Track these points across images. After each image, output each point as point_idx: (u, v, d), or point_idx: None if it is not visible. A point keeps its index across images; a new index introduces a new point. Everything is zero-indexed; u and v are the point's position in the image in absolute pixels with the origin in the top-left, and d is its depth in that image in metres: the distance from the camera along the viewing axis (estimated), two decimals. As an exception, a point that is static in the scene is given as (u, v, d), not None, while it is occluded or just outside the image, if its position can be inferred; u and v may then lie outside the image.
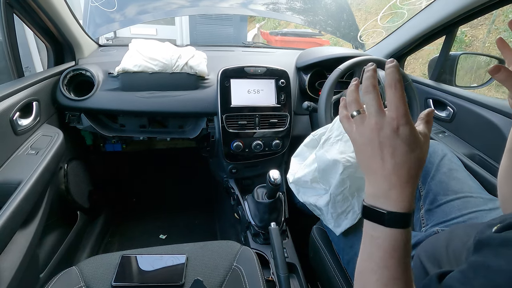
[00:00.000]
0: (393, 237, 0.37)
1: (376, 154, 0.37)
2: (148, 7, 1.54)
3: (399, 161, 0.36)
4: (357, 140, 0.40)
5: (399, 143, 0.35)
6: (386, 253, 0.37)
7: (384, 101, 0.37)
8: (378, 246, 0.38)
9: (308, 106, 1.03)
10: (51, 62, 1.10)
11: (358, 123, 0.39)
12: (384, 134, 0.36)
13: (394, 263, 0.37)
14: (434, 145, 0.91)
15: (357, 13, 5.75)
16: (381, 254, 0.37)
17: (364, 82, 0.39)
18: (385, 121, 0.36)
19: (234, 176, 1.22)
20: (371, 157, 0.38)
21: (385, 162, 0.37)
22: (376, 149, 0.37)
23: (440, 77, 1.19)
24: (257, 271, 0.70)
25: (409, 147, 0.35)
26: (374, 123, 0.37)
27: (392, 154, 0.36)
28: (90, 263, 0.71)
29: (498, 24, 3.97)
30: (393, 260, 0.37)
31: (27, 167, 0.74)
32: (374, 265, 0.38)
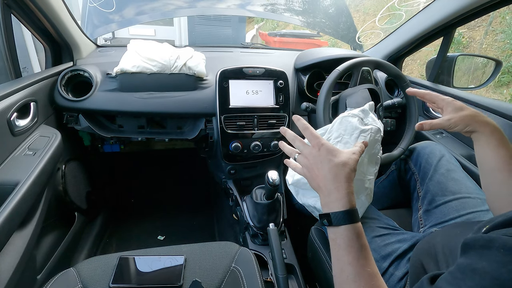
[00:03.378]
0: (344, 233, 0.45)
1: (313, 173, 0.51)
2: (146, 8, 1.54)
3: (327, 171, 0.49)
4: (304, 171, 0.54)
5: (322, 158, 0.50)
6: (345, 250, 0.44)
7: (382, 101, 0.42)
8: (338, 246, 0.46)
9: (306, 107, 1.03)
10: (49, 62, 1.09)
11: (302, 160, 0.54)
12: (311, 158, 0.51)
13: (353, 258, 0.43)
14: (432, 146, 0.92)
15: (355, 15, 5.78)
16: (342, 252, 0.45)
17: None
18: (310, 150, 0.52)
19: (232, 177, 1.22)
20: (312, 178, 0.51)
21: (319, 176, 0.50)
22: (312, 171, 0.51)
23: (437, 78, 1.20)
24: (255, 272, 0.70)
25: (331, 157, 0.49)
26: (305, 154, 0.53)
27: (321, 168, 0.50)
28: (88, 264, 0.70)
29: (495, 25, 3.99)
30: (351, 256, 0.44)
31: (24, 168, 0.74)
32: (341, 264, 0.45)
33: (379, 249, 0.70)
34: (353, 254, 0.44)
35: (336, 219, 0.46)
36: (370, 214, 0.83)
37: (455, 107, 0.63)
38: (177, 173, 1.93)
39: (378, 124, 0.81)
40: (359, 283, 0.42)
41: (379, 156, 0.83)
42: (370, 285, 0.41)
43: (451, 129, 0.62)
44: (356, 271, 0.43)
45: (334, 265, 0.46)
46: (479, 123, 0.60)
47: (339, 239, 0.45)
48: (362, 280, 0.42)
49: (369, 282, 0.42)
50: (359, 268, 0.43)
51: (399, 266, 0.65)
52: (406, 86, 1.00)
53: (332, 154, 0.50)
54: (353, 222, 0.45)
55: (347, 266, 0.44)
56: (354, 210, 0.46)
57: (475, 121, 0.60)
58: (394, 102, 1.10)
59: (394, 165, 1.02)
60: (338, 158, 0.49)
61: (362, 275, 0.42)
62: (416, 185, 0.89)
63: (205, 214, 1.63)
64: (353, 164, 0.50)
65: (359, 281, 0.42)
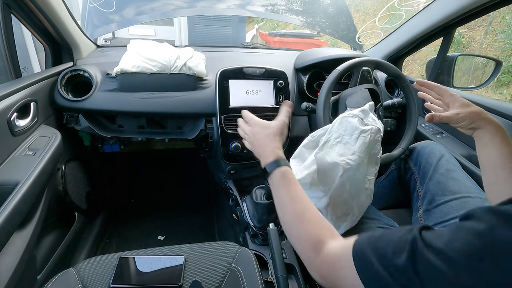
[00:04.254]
0: (276, 176, 0.59)
1: (254, 145, 0.69)
2: (146, 8, 1.54)
3: (261, 140, 0.67)
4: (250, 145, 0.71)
5: (256, 132, 0.69)
6: (280, 186, 0.58)
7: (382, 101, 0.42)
8: (274, 187, 0.59)
9: (306, 107, 1.03)
10: (49, 62, 1.09)
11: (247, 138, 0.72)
12: (251, 134, 0.70)
13: (285, 191, 0.57)
14: (432, 146, 0.92)
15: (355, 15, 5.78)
16: (279, 191, 0.58)
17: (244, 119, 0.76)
18: (249, 128, 0.71)
19: (232, 177, 1.22)
20: (254, 148, 0.69)
21: (257, 145, 0.68)
22: (253, 143, 0.69)
23: (437, 78, 1.20)
24: (255, 272, 0.70)
25: (260, 129, 0.68)
26: (247, 132, 0.71)
27: (258, 139, 0.68)
28: (88, 264, 0.70)
29: (495, 25, 3.99)
30: (283, 189, 0.57)
31: (24, 168, 0.74)
32: (279, 199, 0.57)
33: None
34: (285, 188, 0.57)
35: (268, 167, 0.61)
36: (370, 214, 0.83)
37: (463, 103, 0.65)
38: (177, 173, 1.93)
39: (378, 124, 0.81)
40: (292, 206, 0.54)
41: (379, 156, 0.83)
42: (301, 205, 0.54)
43: (457, 124, 0.65)
44: (289, 197, 0.56)
45: (275, 202, 0.58)
46: (484, 120, 0.62)
47: (274, 181, 0.59)
48: (293, 203, 0.54)
49: (299, 204, 0.54)
50: (290, 196, 0.56)
51: None
52: (406, 86, 1.00)
53: (262, 127, 0.68)
54: (280, 166, 0.60)
55: (282, 197, 0.57)
56: (280, 159, 0.61)
57: (480, 118, 0.62)
58: (394, 102, 1.10)
59: (394, 165, 1.02)
60: (266, 129, 0.68)
61: (293, 200, 0.55)
62: (416, 185, 0.89)
63: (205, 214, 1.63)
64: (275, 130, 0.67)
65: (291, 204, 0.54)
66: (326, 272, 0.45)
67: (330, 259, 0.44)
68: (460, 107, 0.65)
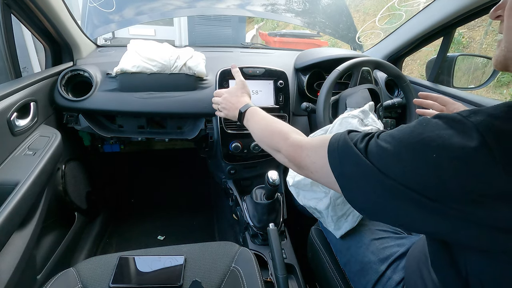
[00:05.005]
0: (248, 114, 0.76)
1: (226, 109, 0.84)
2: (146, 8, 1.54)
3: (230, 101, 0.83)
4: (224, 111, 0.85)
5: (225, 98, 0.85)
6: (251, 120, 0.74)
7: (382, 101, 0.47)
8: (249, 123, 0.75)
9: (306, 107, 1.03)
10: (49, 62, 1.09)
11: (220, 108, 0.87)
12: (223, 101, 0.85)
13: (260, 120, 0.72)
14: None
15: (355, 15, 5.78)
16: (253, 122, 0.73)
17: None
18: (222, 98, 0.86)
19: (232, 177, 1.22)
20: (228, 111, 0.83)
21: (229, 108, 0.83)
22: (225, 109, 0.84)
23: (437, 78, 1.20)
24: (255, 272, 0.70)
25: (228, 95, 0.85)
26: (219, 101, 0.87)
27: (228, 103, 0.83)
28: (88, 264, 0.70)
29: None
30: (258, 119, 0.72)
31: (24, 168, 0.74)
32: (254, 128, 0.72)
33: (377, 251, 0.70)
34: (256, 117, 0.73)
35: (242, 109, 0.77)
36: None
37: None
38: (177, 173, 1.93)
39: (378, 124, 0.81)
40: (263, 122, 0.69)
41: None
42: (271, 121, 0.68)
43: None
44: (260, 118, 0.72)
45: (251, 132, 0.74)
46: None
47: (248, 118, 0.75)
48: (264, 121, 0.70)
49: (269, 122, 0.68)
50: (261, 117, 0.72)
51: (397, 269, 0.65)
52: (406, 86, 1.00)
53: (228, 92, 0.85)
54: (249, 107, 0.76)
55: (255, 123, 0.72)
56: (248, 103, 0.78)
57: None
58: (394, 102, 1.10)
59: None
60: (232, 92, 0.85)
61: (264, 119, 0.71)
62: None
63: (205, 214, 1.63)
64: (237, 88, 0.84)
65: (262, 122, 0.70)
66: (293, 152, 0.57)
67: (298, 141, 0.57)
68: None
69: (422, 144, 0.36)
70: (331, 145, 0.48)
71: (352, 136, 0.47)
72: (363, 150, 0.42)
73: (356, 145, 0.44)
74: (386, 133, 0.42)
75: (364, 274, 0.69)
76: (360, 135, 0.45)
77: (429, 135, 0.36)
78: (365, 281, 0.69)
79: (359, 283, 0.70)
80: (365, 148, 0.42)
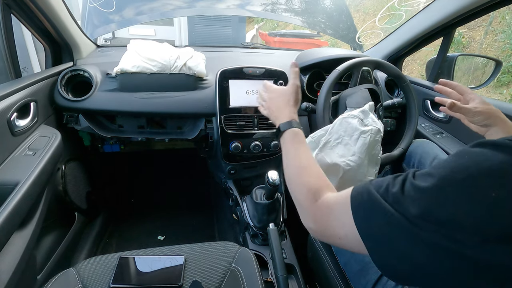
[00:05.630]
0: (288, 135, 0.64)
1: (270, 110, 0.73)
2: (146, 8, 1.54)
3: (277, 104, 0.72)
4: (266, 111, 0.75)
5: (272, 97, 0.74)
6: (290, 144, 0.62)
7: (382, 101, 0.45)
8: (285, 144, 0.64)
9: (306, 107, 1.03)
10: (49, 62, 1.09)
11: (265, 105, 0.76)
12: (268, 100, 0.75)
13: (297, 149, 0.61)
14: (424, 145, 0.91)
15: (355, 15, 5.78)
16: (288, 148, 0.62)
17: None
18: (267, 95, 0.76)
19: (232, 177, 1.22)
20: (270, 112, 0.73)
21: (274, 109, 0.72)
22: (269, 108, 0.74)
23: (437, 78, 1.20)
24: (255, 272, 0.70)
25: (276, 96, 0.73)
26: (265, 99, 0.76)
27: (274, 104, 0.72)
28: (88, 264, 0.70)
29: (495, 25, 3.99)
30: (295, 146, 0.62)
31: (24, 168, 0.74)
32: (287, 159, 0.61)
33: None
34: (294, 145, 0.62)
35: (282, 126, 0.66)
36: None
37: (482, 101, 0.70)
38: (177, 173, 1.93)
39: (378, 124, 0.81)
40: (297, 160, 0.59)
41: (379, 157, 0.84)
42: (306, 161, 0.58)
43: (473, 117, 0.69)
44: (296, 153, 0.61)
45: (283, 158, 0.63)
46: (498, 120, 0.67)
47: (286, 139, 0.64)
48: (298, 158, 0.59)
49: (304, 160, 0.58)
50: (297, 152, 0.61)
51: None
52: (406, 86, 1.00)
53: (279, 94, 0.73)
54: (292, 127, 0.64)
55: (289, 153, 0.62)
56: (293, 121, 0.66)
57: (496, 116, 0.67)
58: (394, 102, 1.10)
59: (389, 165, 1.02)
60: (282, 95, 0.72)
61: (299, 156, 0.60)
62: None
63: (205, 214, 1.63)
64: (290, 96, 0.71)
65: (297, 159, 0.59)
66: (321, 216, 0.48)
67: (327, 203, 0.48)
68: (479, 104, 0.69)
69: (472, 179, 0.32)
70: (354, 200, 0.42)
71: (377, 184, 0.40)
72: (399, 194, 0.36)
73: (386, 194, 0.38)
74: (422, 172, 0.37)
75: (364, 274, 0.69)
76: (389, 180, 0.39)
77: (478, 168, 0.32)
78: (365, 281, 0.69)
79: (359, 283, 0.71)
80: (401, 192, 0.36)
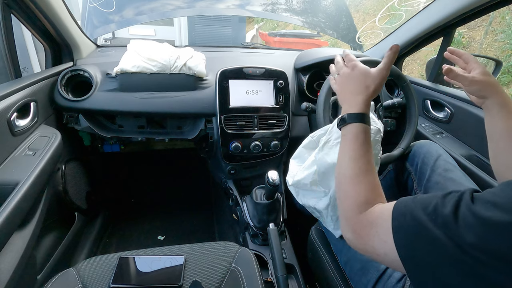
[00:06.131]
0: (353, 129, 0.56)
1: (343, 88, 0.64)
2: (146, 8, 1.54)
3: (355, 87, 0.60)
4: (337, 87, 0.66)
5: (353, 77, 0.62)
6: (351, 141, 0.55)
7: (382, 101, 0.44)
8: (345, 140, 0.56)
9: (306, 107, 1.03)
10: (49, 62, 1.09)
11: (338, 78, 0.66)
12: (345, 76, 0.64)
13: (357, 151, 0.54)
14: (428, 145, 0.91)
15: (355, 15, 5.77)
16: (347, 145, 0.55)
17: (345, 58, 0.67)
18: (345, 70, 0.64)
19: (232, 177, 1.22)
20: (342, 91, 0.64)
21: (347, 91, 0.62)
22: (343, 85, 0.64)
23: (437, 78, 1.20)
24: (255, 272, 0.70)
25: (362, 77, 0.61)
26: (341, 73, 0.65)
27: (350, 85, 0.62)
28: (88, 264, 0.70)
29: (495, 25, 3.99)
30: (356, 146, 0.54)
31: (24, 168, 0.74)
32: (344, 158, 0.55)
33: None
34: (357, 145, 0.54)
35: (350, 118, 0.57)
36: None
37: (483, 71, 0.66)
38: (177, 173, 1.93)
39: (378, 124, 0.81)
40: (355, 164, 0.52)
41: (379, 157, 0.84)
42: (364, 167, 0.52)
43: (469, 87, 0.66)
44: (356, 155, 0.53)
45: (339, 153, 0.57)
46: (494, 91, 0.63)
47: (349, 134, 0.56)
48: (357, 162, 0.52)
49: (363, 165, 0.52)
50: (358, 154, 0.53)
51: None
52: (406, 86, 1.00)
53: (362, 74, 0.61)
54: (362, 122, 0.56)
55: (348, 152, 0.54)
56: (365, 114, 0.57)
57: (492, 87, 0.64)
58: (394, 102, 1.10)
59: (391, 165, 1.02)
60: (364, 78, 0.60)
61: (359, 159, 0.52)
62: (414, 186, 0.89)
63: (205, 214, 1.63)
64: (376, 85, 0.59)
65: (355, 162, 0.52)
66: (361, 229, 0.45)
67: (370, 217, 0.45)
68: (478, 74, 0.66)
69: None
70: (395, 221, 0.39)
71: (423, 202, 0.37)
72: (451, 217, 0.33)
73: (434, 215, 0.34)
74: (483, 197, 0.33)
75: (365, 273, 0.69)
76: (437, 199, 0.35)
77: None
78: (366, 280, 0.69)
79: (360, 282, 0.71)
80: (454, 216, 0.33)
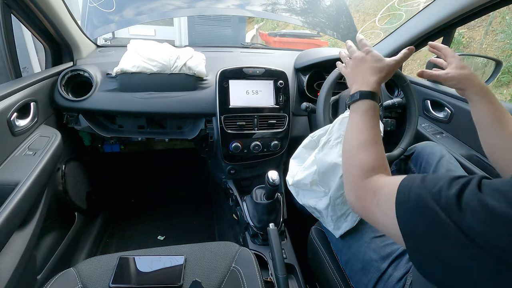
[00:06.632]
0: (364, 105, 0.57)
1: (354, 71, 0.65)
2: (146, 8, 1.54)
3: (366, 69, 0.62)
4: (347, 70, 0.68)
5: (365, 60, 0.63)
6: (361, 116, 0.56)
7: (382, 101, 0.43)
8: (355, 115, 0.57)
9: (306, 107, 1.03)
10: (49, 62, 1.09)
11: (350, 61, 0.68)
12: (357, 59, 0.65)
13: (366, 124, 0.55)
14: (432, 146, 0.92)
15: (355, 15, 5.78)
16: (357, 118, 0.57)
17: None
18: (358, 53, 0.66)
19: (232, 177, 1.22)
20: (351, 74, 0.66)
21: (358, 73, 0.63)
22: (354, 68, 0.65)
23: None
24: (255, 272, 0.70)
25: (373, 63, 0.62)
26: (353, 56, 0.67)
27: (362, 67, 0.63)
28: (88, 264, 0.70)
29: (495, 25, 3.99)
30: (365, 120, 0.56)
31: (24, 168, 0.74)
32: (351, 131, 0.57)
33: (378, 249, 0.70)
34: (365, 119, 0.56)
35: (362, 95, 0.58)
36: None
37: (459, 65, 0.69)
38: (177, 173, 1.93)
39: (378, 124, 0.80)
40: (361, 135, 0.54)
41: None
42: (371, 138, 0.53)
43: (446, 82, 0.69)
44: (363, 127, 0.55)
45: (348, 128, 0.58)
46: (470, 84, 0.66)
47: (358, 109, 0.57)
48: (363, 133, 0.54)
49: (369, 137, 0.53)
50: (365, 126, 0.55)
51: (398, 266, 0.65)
52: (406, 86, 1.00)
53: (375, 59, 0.63)
54: (373, 99, 0.57)
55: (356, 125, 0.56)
56: (376, 93, 0.58)
57: (467, 80, 0.66)
58: (394, 102, 1.10)
59: (394, 166, 1.02)
60: (376, 62, 0.62)
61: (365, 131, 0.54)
62: None
63: (205, 214, 1.63)
64: (388, 71, 0.62)
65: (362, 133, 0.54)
66: (364, 196, 0.46)
67: (374, 185, 0.46)
68: (454, 68, 0.68)
69: None
70: (400, 195, 0.39)
71: (431, 181, 0.37)
72: (454, 199, 0.32)
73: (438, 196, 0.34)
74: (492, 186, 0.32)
75: (366, 273, 0.69)
76: (445, 180, 0.35)
77: None
78: (367, 279, 0.69)
79: (361, 282, 0.71)
80: (457, 198, 0.32)
